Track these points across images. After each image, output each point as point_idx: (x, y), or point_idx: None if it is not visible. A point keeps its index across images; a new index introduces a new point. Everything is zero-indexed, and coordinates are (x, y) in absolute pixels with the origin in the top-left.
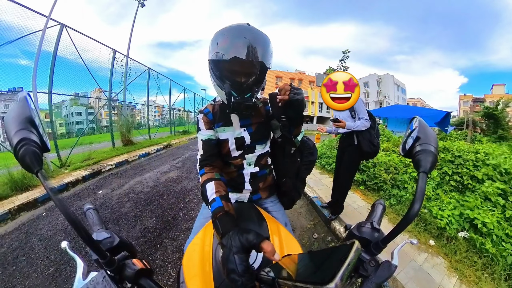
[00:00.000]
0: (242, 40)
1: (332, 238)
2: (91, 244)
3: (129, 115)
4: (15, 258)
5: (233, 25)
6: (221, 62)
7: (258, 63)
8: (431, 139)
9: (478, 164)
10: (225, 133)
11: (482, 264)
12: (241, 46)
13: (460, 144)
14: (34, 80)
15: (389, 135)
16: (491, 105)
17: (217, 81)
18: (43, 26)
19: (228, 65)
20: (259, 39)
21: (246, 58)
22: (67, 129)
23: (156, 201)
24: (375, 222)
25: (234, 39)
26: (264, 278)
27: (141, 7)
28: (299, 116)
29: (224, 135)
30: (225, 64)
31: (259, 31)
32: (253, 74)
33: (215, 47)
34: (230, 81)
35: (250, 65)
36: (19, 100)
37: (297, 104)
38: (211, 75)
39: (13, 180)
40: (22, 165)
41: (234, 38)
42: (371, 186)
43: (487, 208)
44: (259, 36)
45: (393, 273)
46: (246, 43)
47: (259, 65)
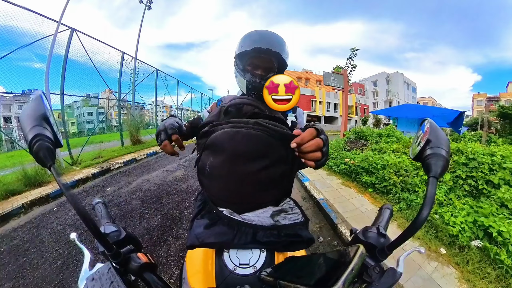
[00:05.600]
0: (263, 36)
1: (338, 242)
2: (98, 236)
3: (138, 115)
4: (26, 250)
5: (257, 30)
6: (245, 54)
7: (276, 54)
8: (442, 143)
9: (494, 167)
10: None
11: (496, 276)
12: (261, 39)
13: (474, 145)
14: (47, 82)
15: (399, 135)
16: (507, 104)
17: (240, 73)
18: (54, 30)
19: (251, 55)
20: (277, 37)
21: (266, 47)
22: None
23: (162, 199)
24: (381, 227)
25: (256, 35)
26: (266, 279)
27: (148, 9)
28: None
29: None
30: (247, 55)
31: (277, 34)
32: (273, 67)
33: (241, 44)
34: (251, 72)
35: (269, 57)
36: (35, 98)
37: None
38: (236, 70)
39: (27, 176)
40: (36, 160)
41: (256, 35)
42: (380, 189)
43: (503, 215)
44: (277, 36)
45: (398, 281)
46: (266, 37)
47: (277, 58)
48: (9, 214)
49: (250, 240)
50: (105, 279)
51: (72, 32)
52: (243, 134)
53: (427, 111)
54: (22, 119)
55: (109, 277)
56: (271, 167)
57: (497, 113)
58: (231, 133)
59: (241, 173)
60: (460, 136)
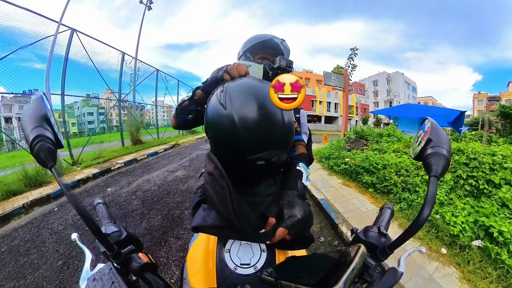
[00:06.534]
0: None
1: (338, 242)
2: (99, 237)
3: (138, 115)
4: (27, 250)
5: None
6: (259, 43)
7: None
8: (443, 142)
9: (495, 167)
10: None
11: (497, 276)
12: (265, 36)
13: (475, 145)
14: (47, 82)
15: (400, 135)
16: (508, 103)
17: (256, 61)
18: (55, 31)
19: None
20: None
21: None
22: (79, 129)
23: (163, 199)
24: (382, 226)
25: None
26: (267, 279)
27: (148, 10)
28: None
29: None
30: (263, 45)
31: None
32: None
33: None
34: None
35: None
36: (35, 99)
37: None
38: (248, 61)
39: (28, 177)
40: (37, 160)
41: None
42: (381, 189)
43: (504, 215)
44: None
45: (399, 280)
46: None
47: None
48: (9, 214)
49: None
50: (106, 279)
51: (72, 32)
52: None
53: (428, 110)
54: (23, 120)
55: (110, 277)
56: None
57: (498, 112)
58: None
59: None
60: (461, 136)
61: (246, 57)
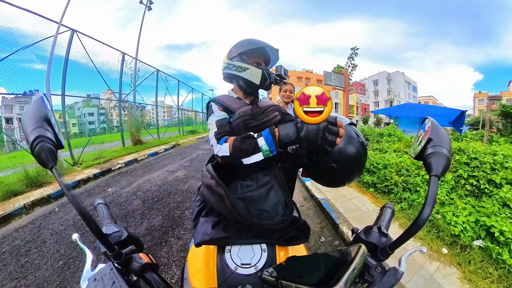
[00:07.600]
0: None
1: (339, 242)
2: (100, 237)
3: (139, 115)
4: (28, 251)
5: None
6: (258, 49)
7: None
8: (444, 141)
9: (496, 167)
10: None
11: (498, 276)
12: (267, 44)
13: (476, 145)
14: (48, 83)
15: (400, 135)
16: (509, 103)
17: (253, 65)
18: (55, 32)
19: (262, 52)
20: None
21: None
22: (80, 129)
23: (163, 199)
24: (383, 226)
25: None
26: (267, 279)
27: (148, 10)
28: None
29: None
30: (259, 51)
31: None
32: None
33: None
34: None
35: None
36: (36, 100)
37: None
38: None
39: (28, 177)
40: (38, 161)
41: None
42: (382, 188)
43: (505, 215)
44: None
45: (399, 280)
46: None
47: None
48: (10, 215)
49: (256, 234)
50: (107, 279)
51: (72, 33)
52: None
53: (428, 110)
54: (24, 120)
55: (111, 277)
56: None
57: (499, 112)
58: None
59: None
60: (462, 136)
61: (241, 59)
